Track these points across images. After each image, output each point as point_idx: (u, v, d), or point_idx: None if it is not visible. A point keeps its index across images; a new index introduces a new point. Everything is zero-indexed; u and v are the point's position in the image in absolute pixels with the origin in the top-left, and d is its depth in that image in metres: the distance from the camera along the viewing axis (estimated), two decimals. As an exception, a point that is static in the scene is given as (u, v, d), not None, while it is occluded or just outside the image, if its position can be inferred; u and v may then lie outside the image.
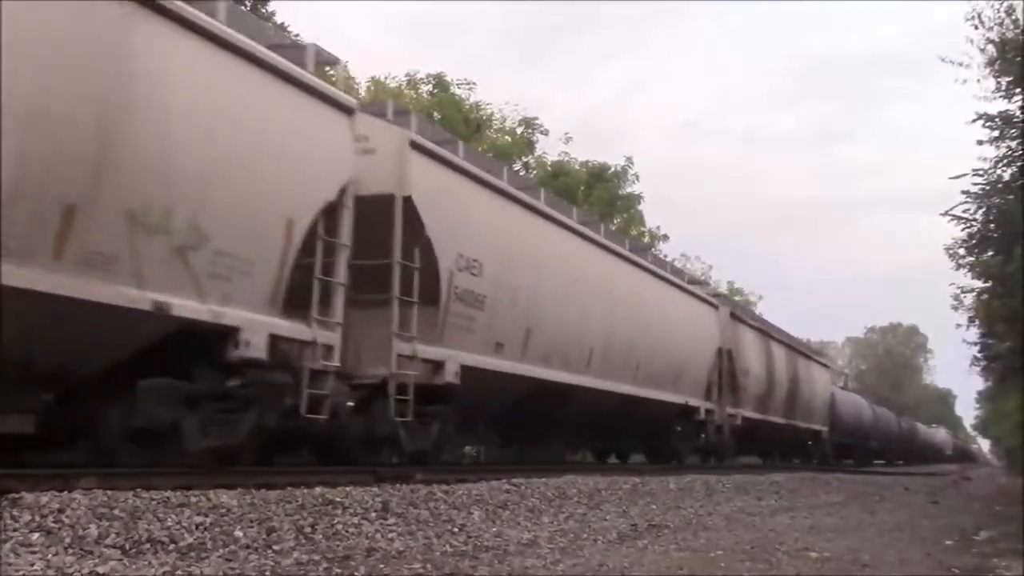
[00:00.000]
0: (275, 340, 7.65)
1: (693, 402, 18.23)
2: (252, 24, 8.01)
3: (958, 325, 23.65)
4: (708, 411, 19.02)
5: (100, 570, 4.12)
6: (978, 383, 41.56)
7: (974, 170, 16.43)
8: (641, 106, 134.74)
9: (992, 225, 16.73)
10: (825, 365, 33.49)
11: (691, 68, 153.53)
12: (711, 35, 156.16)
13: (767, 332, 25.01)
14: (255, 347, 7.39)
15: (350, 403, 9.06)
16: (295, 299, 8.05)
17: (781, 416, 24.77)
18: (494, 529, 6.65)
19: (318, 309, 8.28)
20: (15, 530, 4.43)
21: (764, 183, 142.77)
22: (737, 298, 47.04)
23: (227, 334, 7.24)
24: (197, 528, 5.04)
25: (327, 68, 9.44)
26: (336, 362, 8.44)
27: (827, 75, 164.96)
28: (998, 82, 16.00)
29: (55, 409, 7.02)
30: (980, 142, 16.25)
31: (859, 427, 37.67)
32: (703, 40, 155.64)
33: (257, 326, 7.43)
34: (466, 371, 10.52)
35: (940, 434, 74.95)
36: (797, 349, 28.46)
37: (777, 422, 24.27)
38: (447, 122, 25.96)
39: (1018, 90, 15.57)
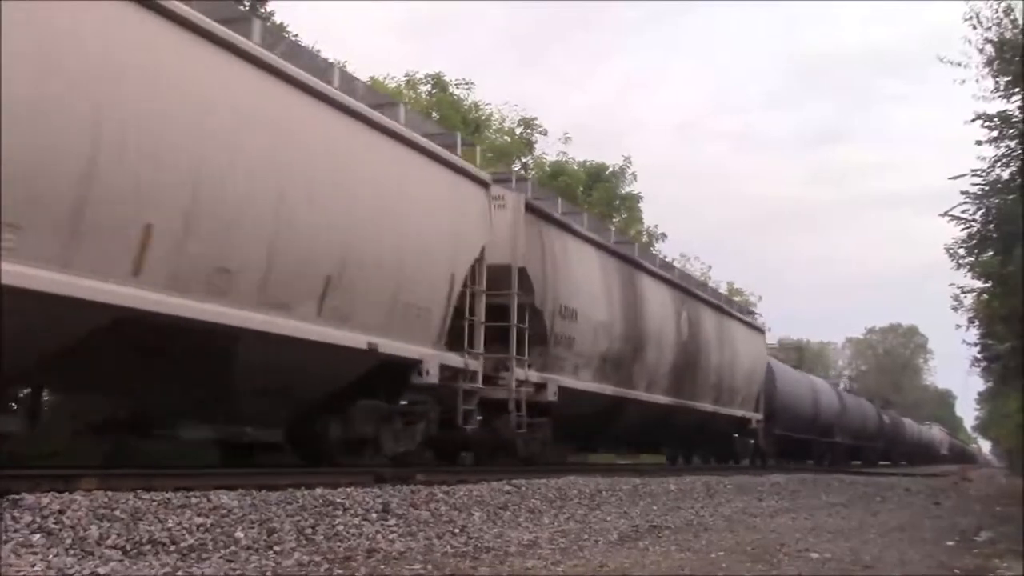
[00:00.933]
0: None
1: (402, 350, 9.34)
2: None
3: (958, 326, 23.67)
4: (457, 372, 10.30)
5: (101, 571, 4.12)
6: (978, 384, 41.45)
7: (973, 170, 16.43)
8: (639, 107, 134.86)
9: (991, 225, 16.73)
10: (758, 329, 23.44)
11: (689, 69, 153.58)
12: (709, 36, 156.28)
13: (626, 258, 15.12)
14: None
15: None
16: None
17: (664, 393, 16.27)
18: (495, 530, 6.65)
19: None
20: (16, 531, 4.43)
21: (763, 184, 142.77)
22: (737, 298, 47.02)
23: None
24: (198, 529, 5.04)
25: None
26: None
27: (825, 75, 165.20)
28: (996, 82, 16.01)
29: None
30: (979, 142, 16.26)
31: (816, 418, 29.11)
32: (701, 41, 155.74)
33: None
34: None
35: (934, 432, 68.93)
36: (699, 296, 18.81)
37: (655, 402, 15.78)
38: (445, 122, 25.98)
39: (1016, 90, 15.58)
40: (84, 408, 7.92)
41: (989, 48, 15.97)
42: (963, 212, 16.83)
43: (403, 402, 9.94)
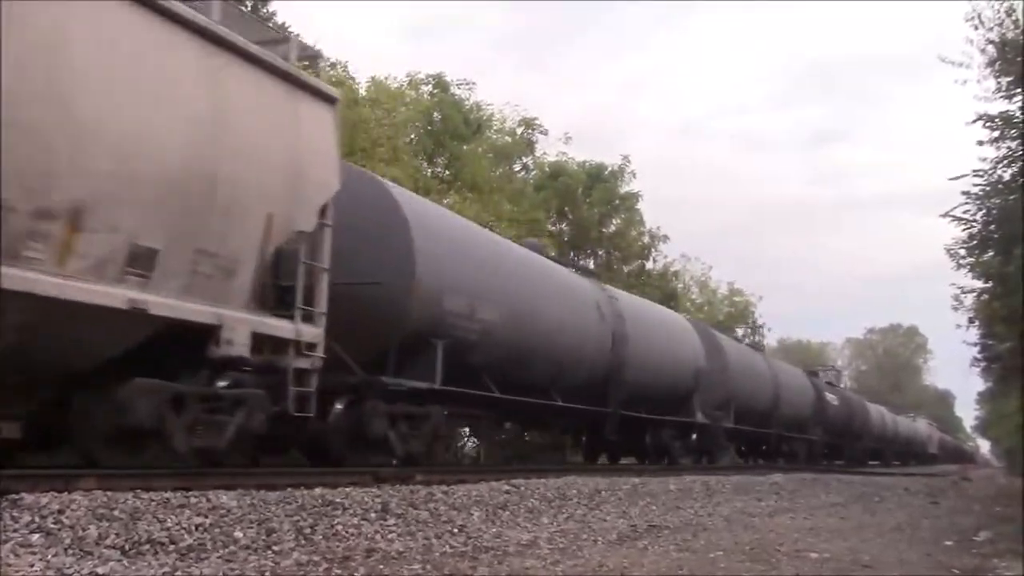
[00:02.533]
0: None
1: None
2: None
3: (958, 326, 23.62)
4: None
5: (100, 571, 4.13)
6: (978, 384, 41.21)
7: (974, 171, 16.41)
8: (640, 108, 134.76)
9: (992, 226, 16.72)
10: (313, 92, 8.27)
11: (689, 70, 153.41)
12: (710, 38, 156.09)
13: None
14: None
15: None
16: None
17: None
18: (494, 530, 6.65)
19: None
20: (15, 531, 4.43)
21: (763, 184, 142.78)
22: (737, 299, 46.62)
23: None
24: (197, 529, 5.04)
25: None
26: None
27: (825, 75, 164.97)
28: (998, 82, 16.00)
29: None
30: (980, 142, 16.25)
31: (619, 369, 14.75)
32: (702, 43, 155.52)
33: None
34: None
35: (919, 426, 57.25)
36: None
37: None
38: (447, 122, 25.96)
39: (1018, 90, 15.56)
40: None
41: (991, 48, 15.96)
42: (964, 213, 16.83)
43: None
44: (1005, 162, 16.15)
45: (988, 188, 16.42)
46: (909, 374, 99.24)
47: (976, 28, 16.00)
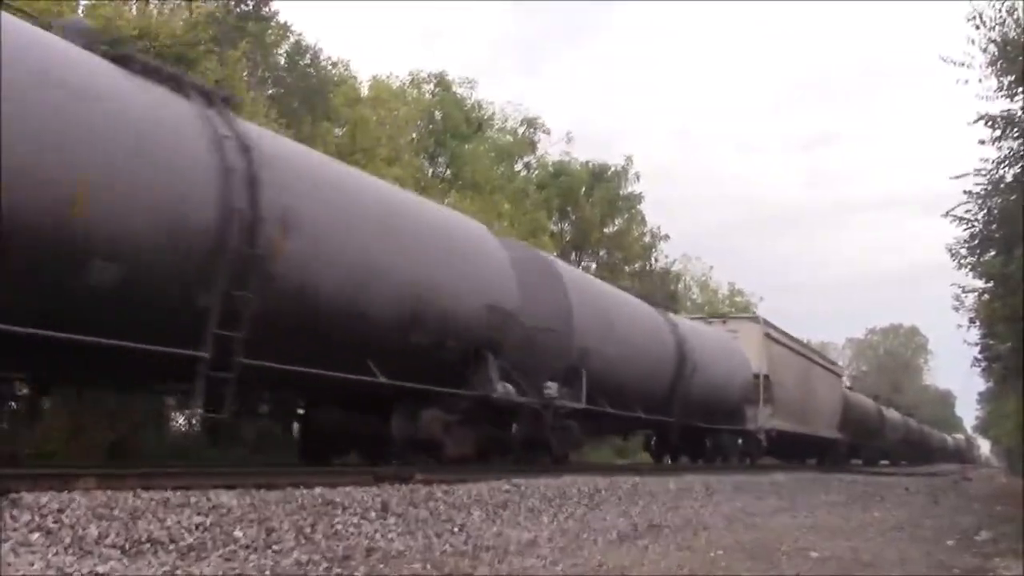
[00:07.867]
0: None
1: None
2: None
3: (959, 326, 23.59)
4: None
5: (100, 570, 4.13)
6: (979, 384, 41.00)
7: (976, 170, 16.40)
8: (638, 110, 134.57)
9: (993, 225, 16.71)
10: None
11: (688, 71, 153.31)
12: (709, 40, 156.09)
13: None
14: None
15: None
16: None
17: None
18: (494, 529, 6.65)
19: None
20: (15, 530, 4.43)
21: (763, 186, 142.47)
22: (738, 299, 46.78)
23: None
24: (197, 528, 5.04)
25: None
26: None
27: (824, 75, 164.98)
28: (1000, 82, 15.98)
29: None
30: (982, 142, 16.23)
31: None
32: (702, 45, 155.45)
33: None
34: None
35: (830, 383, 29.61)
36: None
37: None
38: (448, 121, 25.97)
39: (1020, 89, 15.54)
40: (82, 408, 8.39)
41: (992, 48, 15.94)
42: (965, 212, 16.81)
43: None
44: (1007, 162, 16.14)
45: (989, 187, 16.41)
46: (910, 374, 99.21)
47: (977, 28, 16.00)
